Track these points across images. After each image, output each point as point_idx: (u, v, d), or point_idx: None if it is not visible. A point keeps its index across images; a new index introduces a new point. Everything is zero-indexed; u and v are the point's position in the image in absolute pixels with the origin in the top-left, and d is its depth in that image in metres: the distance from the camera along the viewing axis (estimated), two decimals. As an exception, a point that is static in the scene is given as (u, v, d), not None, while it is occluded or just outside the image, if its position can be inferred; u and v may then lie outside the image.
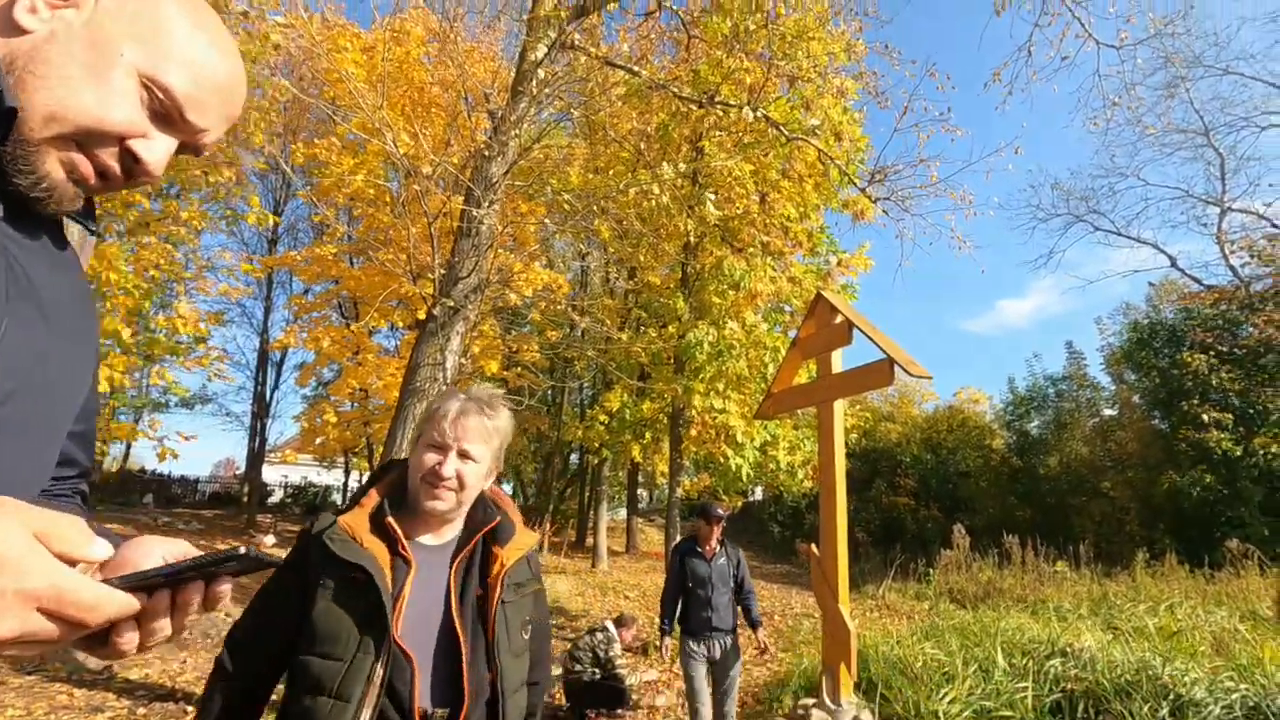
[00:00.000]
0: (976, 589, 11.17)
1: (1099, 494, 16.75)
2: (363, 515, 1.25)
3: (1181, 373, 14.85)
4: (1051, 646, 4.90)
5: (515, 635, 1.30)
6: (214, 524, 16.34)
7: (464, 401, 1.31)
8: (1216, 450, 13.50)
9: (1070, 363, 20.54)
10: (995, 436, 21.64)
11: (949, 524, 14.28)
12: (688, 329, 7.30)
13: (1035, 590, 10.50)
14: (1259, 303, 14.89)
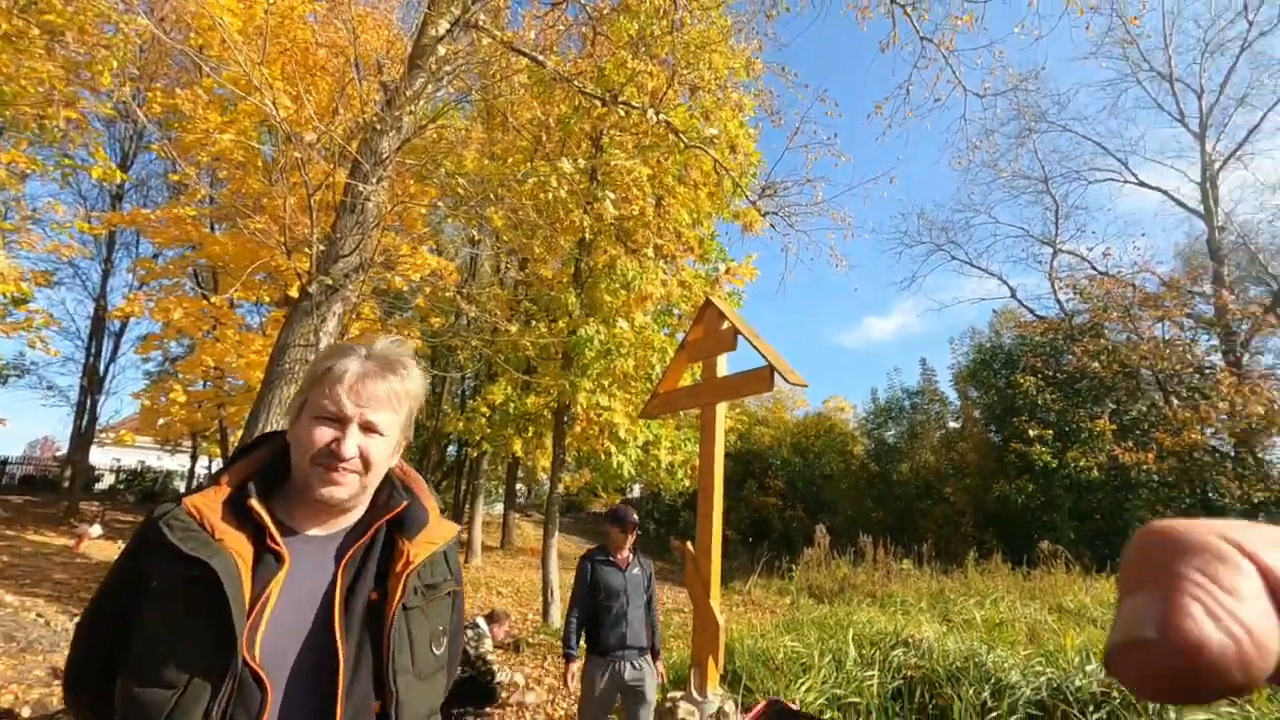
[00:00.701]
0: (833, 585, 11.96)
1: (942, 499, 18.46)
2: (218, 497, 0.97)
3: (1014, 392, 16.69)
4: (896, 637, 5.34)
5: (422, 651, 1.02)
6: (24, 511, 14.36)
7: (364, 360, 1.03)
8: (1038, 462, 15.29)
9: (924, 378, 22.52)
10: (857, 443, 23.29)
11: (812, 524, 15.21)
12: (578, 325, 7.29)
13: (884, 586, 11.40)
14: (1079, 335, 17.01)
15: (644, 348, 7.69)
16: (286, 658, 0.92)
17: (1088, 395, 16.50)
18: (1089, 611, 7.97)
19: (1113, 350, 16.22)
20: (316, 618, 0.95)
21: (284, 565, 0.95)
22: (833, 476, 21.85)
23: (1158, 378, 16.11)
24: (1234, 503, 13.98)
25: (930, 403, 22.02)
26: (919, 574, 11.99)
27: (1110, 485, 15.18)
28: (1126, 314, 16.78)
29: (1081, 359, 16.11)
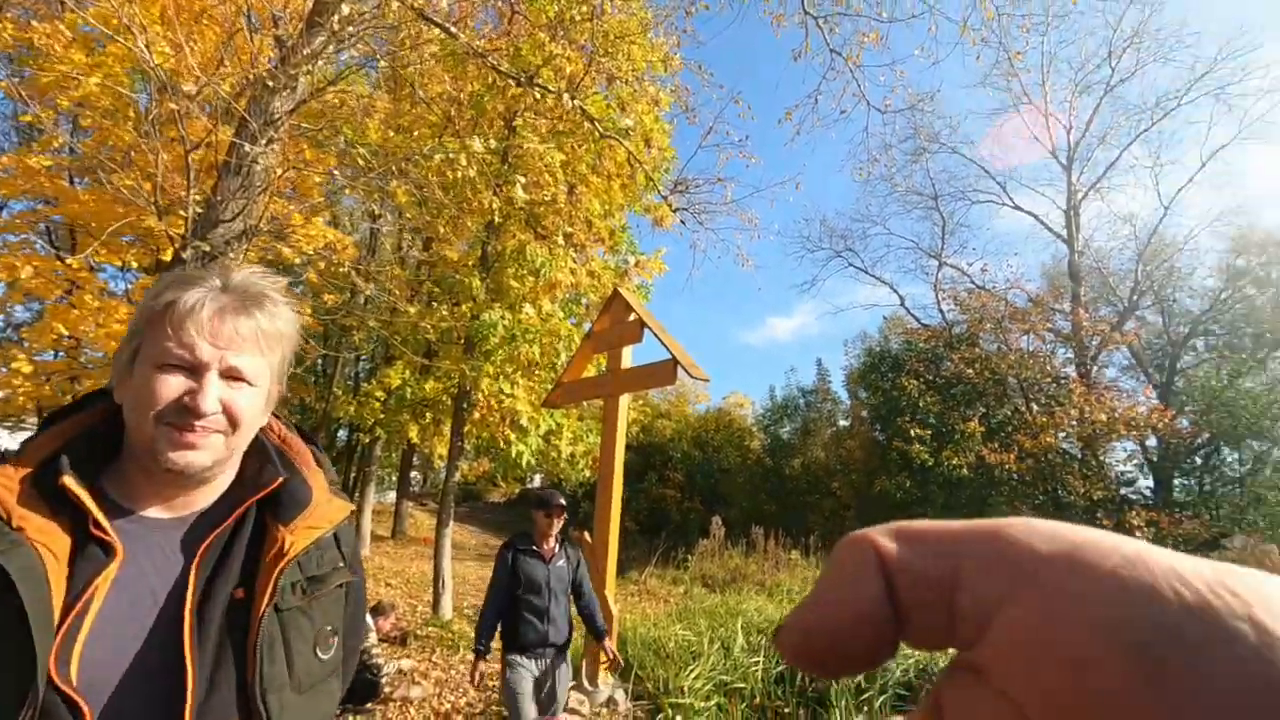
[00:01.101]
0: (725, 575, 12.34)
1: (829, 493, 19.46)
2: (18, 475, 0.75)
3: (899, 394, 17.83)
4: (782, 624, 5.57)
5: (304, 660, 0.83)
6: None
7: (220, 293, 0.82)
8: (917, 460, 16.41)
9: (819, 378, 23.63)
10: (754, 438, 24.12)
11: (709, 516, 15.63)
12: (483, 309, 7.09)
13: (773, 575, 11.88)
14: (957, 343, 18.37)
15: (550, 335, 7.59)
16: (114, 676, 0.72)
17: (962, 399, 17.85)
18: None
19: (985, 359, 17.64)
20: (159, 624, 0.76)
21: (114, 558, 0.75)
22: (730, 470, 22.52)
23: (1021, 385, 17.69)
24: (1078, 500, 15.58)
25: (823, 402, 23.14)
26: (805, 564, 12.59)
27: (977, 483, 16.51)
28: (998, 326, 18.30)
29: (959, 366, 17.43)
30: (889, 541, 0.19)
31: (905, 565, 0.18)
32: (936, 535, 0.19)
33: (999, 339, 18.33)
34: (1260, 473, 15.65)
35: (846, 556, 0.19)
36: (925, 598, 0.18)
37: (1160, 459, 17.18)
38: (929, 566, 0.18)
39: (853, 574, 0.19)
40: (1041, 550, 0.16)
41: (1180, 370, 18.87)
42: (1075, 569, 0.15)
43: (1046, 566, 0.16)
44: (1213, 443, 16.40)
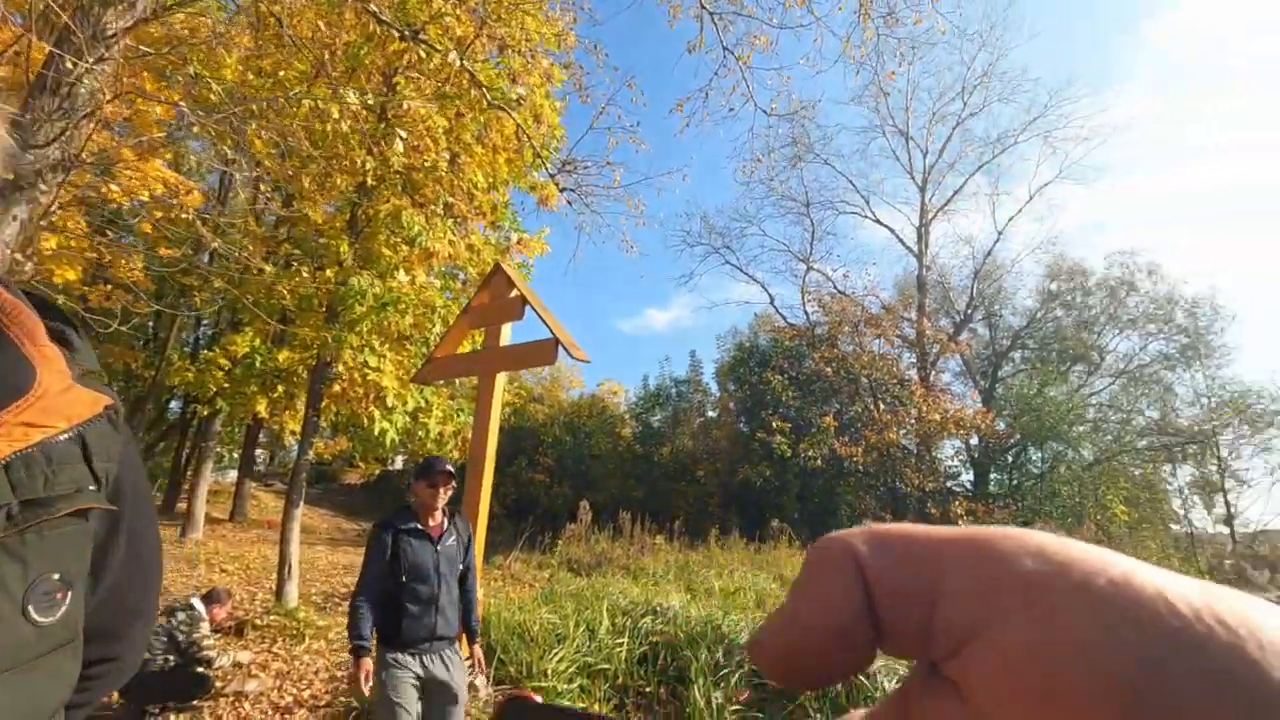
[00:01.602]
0: (591, 558, 12.43)
1: (695, 480, 20.15)
2: None
3: (764, 388, 18.77)
4: (646, 606, 5.67)
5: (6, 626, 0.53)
6: None
7: None
8: (777, 451, 17.37)
9: (692, 369, 24.37)
10: (626, 425, 24.46)
11: (577, 501, 15.67)
12: (349, 275, 6.59)
13: (638, 559, 12.13)
14: (818, 343, 19.63)
15: (423, 307, 7.20)
16: None
17: (820, 396, 19.12)
18: (803, 580, 9.25)
19: (842, 359, 18.99)
20: None
21: None
22: (600, 456, 22.70)
23: (871, 385, 19.22)
24: (913, 490, 17.22)
25: (694, 392, 23.90)
26: (669, 548, 12.95)
27: (829, 473, 17.76)
28: (855, 329, 19.75)
29: (819, 364, 18.64)
30: (868, 549, 0.18)
31: (885, 576, 0.18)
32: (919, 544, 0.18)
33: (855, 341, 19.79)
34: (1057, 470, 18.04)
35: (824, 564, 0.19)
36: (905, 611, 0.17)
37: (980, 456, 19.35)
38: (910, 578, 0.18)
39: (832, 586, 0.18)
40: (1028, 568, 0.16)
41: (1000, 378, 21.34)
42: (1061, 592, 0.15)
43: (1032, 589, 0.15)
44: (1022, 443, 18.70)
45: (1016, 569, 0.16)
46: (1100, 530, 13.54)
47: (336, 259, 6.92)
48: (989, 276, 22.15)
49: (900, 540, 0.18)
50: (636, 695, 4.50)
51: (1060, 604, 0.15)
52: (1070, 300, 21.45)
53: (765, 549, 12.39)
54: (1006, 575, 0.16)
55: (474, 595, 3.02)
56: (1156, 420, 19.28)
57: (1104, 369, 20.66)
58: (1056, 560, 0.16)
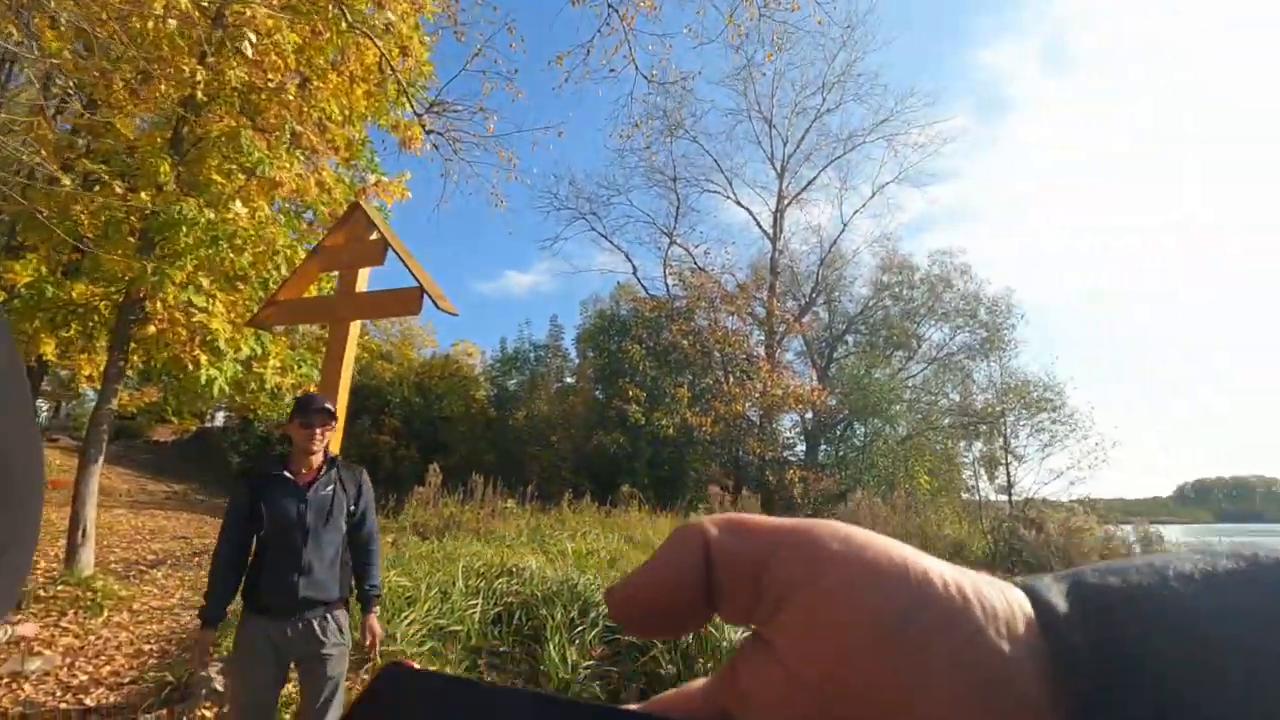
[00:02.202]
0: (439, 522, 12.05)
1: (549, 445, 20.13)
2: None
3: (623, 357, 19.07)
4: (501, 568, 5.60)
5: None
6: None
7: None
8: (632, 419, 17.78)
9: (551, 334, 24.14)
10: (480, 388, 23.82)
11: (426, 464, 15.07)
12: (172, 201, 5.71)
13: (487, 523, 11.93)
14: (676, 316, 20.22)
15: (264, 245, 6.45)
16: None
17: (675, 367, 19.76)
18: (653, 541, 9.62)
19: (698, 332, 19.72)
20: None
21: None
22: (451, 419, 21.97)
23: (723, 359, 20.18)
24: (754, 459, 18.41)
25: (553, 358, 23.76)
26: (520, 512, 12.87)
27: (679, 441, 18.49)
28: (711, 305, 20.55)
29: (676, 336, 19.22)
30: (717, 529, 0.22)
31: (725, 547, 0.22)
32: (758, 526, 0.22)
33: (711, 317, 20.60)
34: (876, 444, 20.09)
35: (679, 538, 0.22)
36: (736, 575, 0.21)
37: (813, 429, 21.07)
38: (744, 551, 0.21)
39: (679, 550, 0.22)
40: (835, 549, 0.20)
41: (835, 359, 23.26)
42: (854, 566, 0.20)
43: (833, 562, 0.20)
44: (849, 418, 20.59)
45: (827, 548, 0.20)
46: (908, 496, 15.31)
47: (155, 181, 5.98)
48: (832, 264, 23.94)
49: (743, 523, 0.22)
50: (490, 655, 4.44)
51: (851, 575, 0.19)
52: (898, 292, 23.75)
53: (616, 513, 12.69)
54: (820, 552, 0.20)
55: (372, 555, 2.62)
56: (958, 402, 22.02)
57: (920, 355, 23.19)
58: (856, 544, 0.20)
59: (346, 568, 2.54)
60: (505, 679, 4.22)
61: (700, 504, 14.77)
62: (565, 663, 4.18)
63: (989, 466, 20.09)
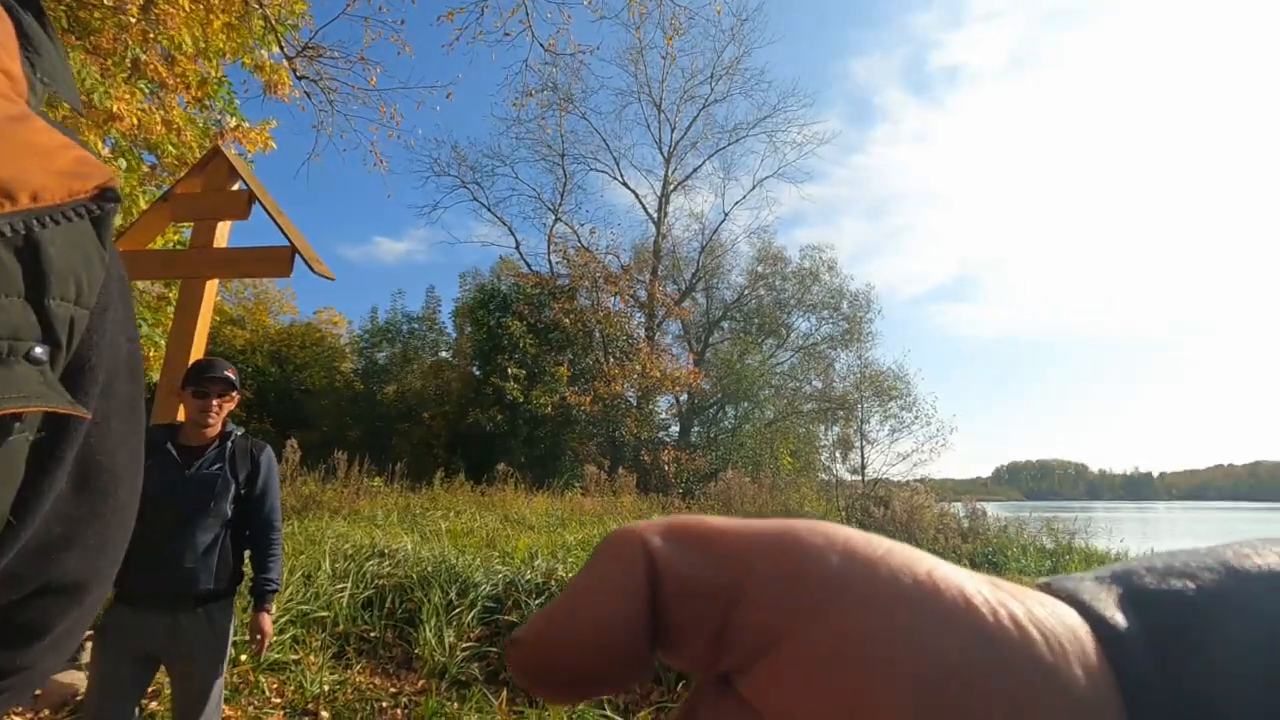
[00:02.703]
0: (298, 502, 11.25)
1: (421, 422, 19.35)
2: None
3: (503, 333, 18.64)
4: (372, 549, 5.32)
5: None
6: None
7: None
8: (510, 396, 17.46)
9: (427, 306, 23.10)
10: (346, 360, 22.42)
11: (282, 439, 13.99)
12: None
13: (352, 502, 11.29)
14: (559, 294, 20.02)
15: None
16: None
17: (556, 345, 19.60)
18: (529, 520, 9.53)
19: (580, 312, 19.65)
20: None
21: None
22: (313, 392, 20.55)
23: (604, 339, 20.27)
24: (630, 439, 18.72)
25: (429, 331, 22.76)
26: (388, 491, 12.30)
27: (557, 420, 18.42)
28: (595, 285, 20.54)
29: (558, 314, 19.04)
30: (662, 539, 0.16)
31: (676, 567, 0.15)
32: (723, 537, 0.16)
33: (593, 296, 20.60)
34: (744, 426, 21.09)
35: (610, 553, 0.16)
36: (698, 610, 0.15)
37: (687, 411, 21.75)
38: (705, 572, 0.15)
39: (614, 577, 0.16)
40: (835, 569, 0.15)
41: (711, 344, 24.08)
42: (871, 595, 0.14)
43: (839, 590, 0.14)
44: (721, 401, 21.45)
45: (824, 572, 0.15)
46: (773, 476, 16.24)
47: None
48: (713, 252, 24.67)
49: (700, 531, 0.16)
50: (359, 641, 4.23)
51: (863, 613, 0.14)
52: (771, 283, 24.92)
53: (491, 492, 12.46)
54: (813, 573, 0.15)
55: (270, 546, 2.31)
56: (820, 389, 23.57)
57: (788, 344, 24.54)
58: (863, 558, 0.15)
59: (228, 558, 2.23)
60: (376, 665, 4.03)
61: (576, 482, 14.81)
62: (442, 645, 4.06)
63: (844, 449, 21.75)
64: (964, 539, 10.24)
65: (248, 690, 3.50)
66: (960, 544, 9.98)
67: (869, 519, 10.83)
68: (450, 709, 3.45)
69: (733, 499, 12.16)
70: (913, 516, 10.55)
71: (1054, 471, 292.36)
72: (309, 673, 3.67)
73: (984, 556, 9.40)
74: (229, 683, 3.43)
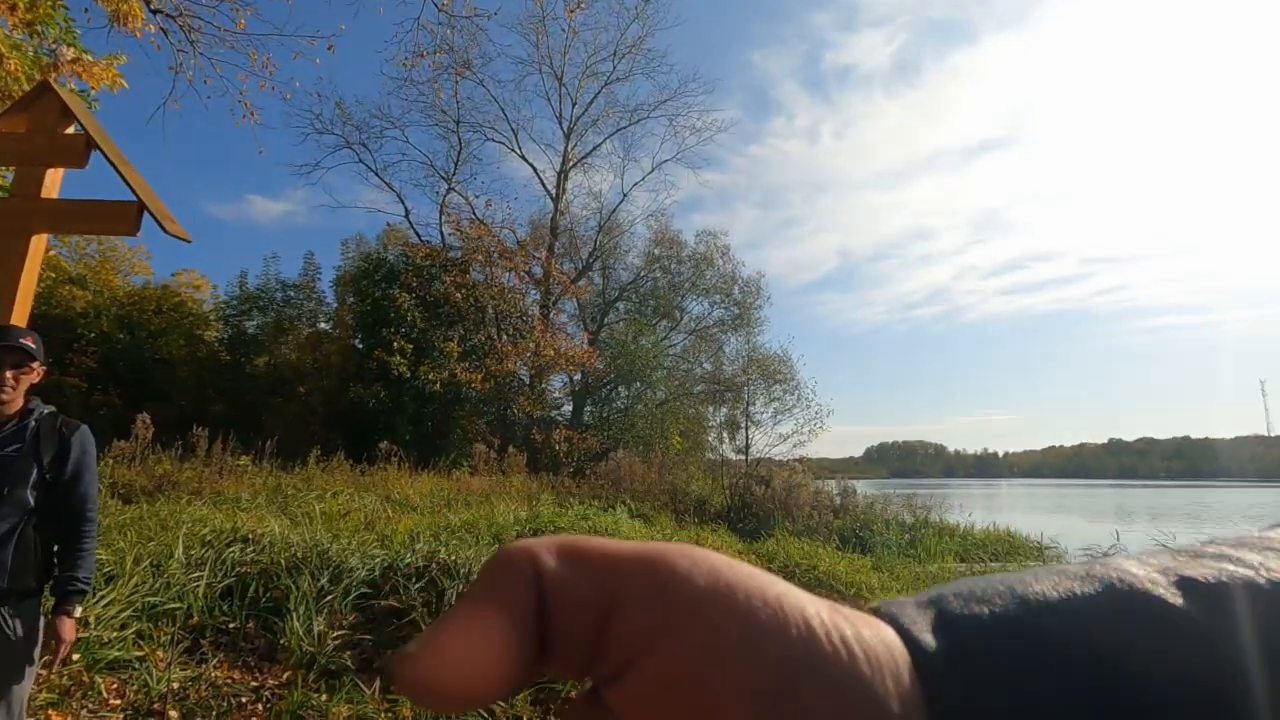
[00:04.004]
0: (150, 482, 10.26)
1: (295, 397, 18.15)
2: None
3: (389, 305, 17.74)
4: (234, 535, 4.95)
5: None
6: None
7: None
8: (395, 371, 16.71)
9: (305, 273, 21.58)
10: (210, 328, 20.58)
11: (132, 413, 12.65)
12: None
13: (214, 483, 10.44)
14: (451, 267, 19.31)
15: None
16: None
17: (445, 320, 18.92)
18: (413, 501, 9.22)
19: (472, 286, 19.06)
20: None
21: None
22: (170, 361, 18.71)
23: (496, 316, 19.80)
24: (522, 418, 18.48)
25: (306, 300, 21.28)
26: (256, 471, 11.47)
27: (446, 397, 17.85)
28: (489, 259, 19.96)
29: (449, 288, 18.37)
30: (551, 556, 0.18)
31: (563, 582, 0.17)
32: (604, 556, 0.18)
33: (487, 271, 20.03)
34: (637, 406, 21.38)
35: (500, 568, 0.18)
36: (578, 626, 0.17)
37: (580, 390, 21.74)
38: (587, 588, 0.17)
39: (504, 590, 0.17)
40: (698, 591, 0.16)
41: (606, 324, 24.14)
42: (724, 616, 0.16)
43: (693, 612, 0.16)
44: (614, 382, 21.60)
45: (686, 591, 0.16)
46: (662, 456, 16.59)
47: None
48: (610, 232, 24.64)
49: (583, 549, 0.18)
50: (217, 633, 3.93)
51: (715, 627, 0.16)
52: (667, 265, 25.25)
53: (373, 472, 11.92)
54: (680, 592, 0.16)
55: (81, 539, 2.04)
56: (710, 371, 24.27)
57: (681, 326, 25.03)
58: (724, 581, 0.17)
59: (33, 551, 1.97)
60: (236, 658, 3.77)
61: (465, 462, 14.44)
62: (311, 635, 3.85)
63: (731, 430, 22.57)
64: (835, 515, 10.94)
65: (80, 693, 3.16)
66: (832, 520, 10.66)
67: (751, 497, 11.32)
68: (318, 701, 3.29)
69: (623, 478, 12.31)
70: (790, 494, 11.13)
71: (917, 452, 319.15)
72: (155, 670, 3.37)
73: (852, 531, 10.10)
74: (57, 685, 3.09)
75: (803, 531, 9.91)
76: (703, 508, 11.87)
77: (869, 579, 6.50)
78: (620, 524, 8.12)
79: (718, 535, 9.43)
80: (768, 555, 7.98)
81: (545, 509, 8.09)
